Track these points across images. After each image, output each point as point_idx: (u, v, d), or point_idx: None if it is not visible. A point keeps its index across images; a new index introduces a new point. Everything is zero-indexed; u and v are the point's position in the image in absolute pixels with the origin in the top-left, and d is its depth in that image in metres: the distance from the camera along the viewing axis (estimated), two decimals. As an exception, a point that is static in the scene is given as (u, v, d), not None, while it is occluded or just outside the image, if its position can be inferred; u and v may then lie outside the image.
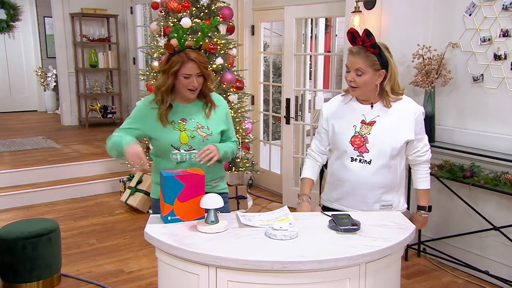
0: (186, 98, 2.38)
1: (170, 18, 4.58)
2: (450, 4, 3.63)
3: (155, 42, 4.68)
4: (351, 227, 1.94)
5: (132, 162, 2.27)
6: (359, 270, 1.80)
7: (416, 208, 2.42)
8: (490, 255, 3.50)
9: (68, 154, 6.10)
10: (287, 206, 2.23)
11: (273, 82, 5.77)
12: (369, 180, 2.23)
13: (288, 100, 5.01)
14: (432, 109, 3.65)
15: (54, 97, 9.93)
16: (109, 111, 8.33)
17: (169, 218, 2.03)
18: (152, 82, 4.71)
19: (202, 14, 4.59)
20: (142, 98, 4.75)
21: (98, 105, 8.20)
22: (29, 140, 6.92)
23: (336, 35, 6.22)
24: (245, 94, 4.96)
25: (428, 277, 3.58)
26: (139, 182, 4.99)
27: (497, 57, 3.37)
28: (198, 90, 2.35)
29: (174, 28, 2.33)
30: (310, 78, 6.41)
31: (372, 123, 2.24)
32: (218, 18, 4.62)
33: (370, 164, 2.22)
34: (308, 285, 1.77)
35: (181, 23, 4.45)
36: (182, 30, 2.28)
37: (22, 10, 9.64)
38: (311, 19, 5.40)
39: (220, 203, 1.96)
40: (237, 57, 5.10)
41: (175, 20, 4.52)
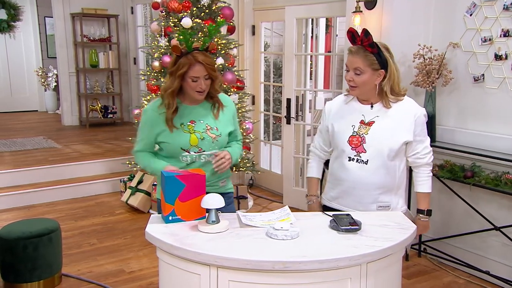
0: (194, 100, 2.36)
1: (171, 18, 4.58)
2: (451, 4, 3.62)
3: (156, 42, 4.68)
4: (352, 227, 1.94)
5: None
6: (360, 270, 1.80)
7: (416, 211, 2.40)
8: (491, 255, 3.50)
9: (68, 154, 6.10)
10: (288, 206, 2.24)
11: (273, 82, 5.77)
12: (366, 180, 2.23)
13: (288, 100, 5.01)
14: (433, 109, 3.65)
15: (54, 97, 9.94)
16: (109, 111, 8.33)
17: (170, 218, 2.03)
18: (152, 82, 4.71)
19: (203, 14, 4.59)
20: (144, 98, 4.82)
21: (99, 105, 8.20)
22: (29, 140, 6.92)
23: (336, 35, 6.22)
24: (245, 94, 4.96)
25: (429, 277, 3.58)
26: (140, 182, 5.00)
27: (498, 57, 3.37)
28: (206, 92, 2.33)
29: (181, 31, 2.32)
30: (311, 78, 6.41)
31: (370, 123, 2.24)
32: (219, 18, 4.63)
33: (367, 164, 2.22)
34: (309, 285, 1.77)
35: (181, 23, 4.45)
36: (189, 33, 2.25)
37: (23, 10, 9.65)
38: (312, 19, 5.39)
39: (221, 203, 1.95)
40: (237, 57, 5.10)
41: (176, 20, 4.53)
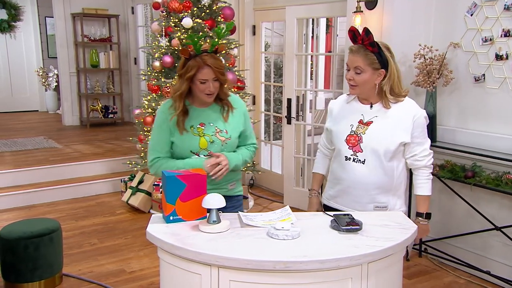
0: (204, 102, 2.35)
1: (172, 18, 4.59)
2: (452, 4, 3.62)
3: (157, 42, 4.68)
4: (353, 227, 1.94)
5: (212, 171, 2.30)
6: (361, 270, 1.80)
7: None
8: (492, 255, 3.50)
9: (69, 154, 6.10)
10: (289, 206, 2.24)
11: (274, 82, 5.77)
12: (363, 180, 2.24)
13: (289, 100, 5.01)
14: (433, 109, 3.65)
15: (55, 97, 9.95)
16: (110, 111, 8.34)
17: (171, 218, 2.03)
18: (153, 82, 4.71)
19: (204, 14, 4.59)
20: (144, 98, 4.82)
21: (99, 105, 8.21)
22: (30, 140, 6.92)
23: (337, 35, 6.22)
24: (246, 94, 4.96)
25: (429, 277, 3.58)
26: (141, 182, 5.00)
27: (498, 57, 3.37)
28: (215, 94, 2.32)
29: (189, 34, 2.32)
30: (311, 78, 6.42)
31: (369, 123, 2.24)
32: (220, 18, 4.63)
33: (364, 164, 2.22)
34: (310, 285, 1.77)
35: (182, 23, 4.45)
36: (197, 36, 2.25)
37: (24, 10, 9.67)
38: (312, 19, 5.40)
39: (221, 203, 1.95)
40: (238, 57, 5.10)
41: (176, 20, 4.53)
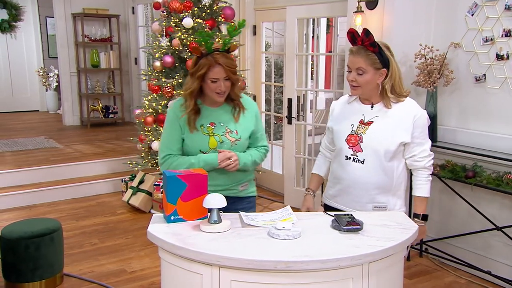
0: (214, 102, 2.34)
1: (172, 18, 4.59)
2: (453, 4, 3.62)
3: (157, 42, 4.69)
4: (354, 227, 1.94)
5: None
6: (362, 270, 1.80)
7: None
8: (493, 255, 3.50)
9: (70, 154, 6.11)
10: (290, 206, 2.24)
11: (274, 82, 5.77)
12: (362, 179, 2.24)
13: (290, 100, 5.01)
14: (434, 109, 3.65)
15: (56, 97, 9.95)
16: (110, 111, 8.34)
17: (172, 217, 2.03)
18: (154, 82, 4.71)
19: (204, 14, 4.59)
20: (145, 98, 4.82)
21: (100, 105, 8.21)
22: (31, 140, 6.93)
23: (337, 35, 6.23)
24: (246, 94, 4.96)
25: (430, 277, 3.58)
26: (141, 182, 5.00)
27: (499, 57, 3.37)
28: (226, 94, 2.31)
29: (199, 32, 2.29)
30: (312, 78, 6.42)
31: (369, 123, 2.24)
32: (221, 18, 4.63)
33: (363, 163, 2.23)
34: (311, 284, 1.77)
35: (183, 23, 4.45)
36: (208, 34, 2.23)
37: (24, 10, 9.67)
38: (313, 19, 5.40)
39: (222, 203, 1.95)
40: (239, 57, 5.11)
41: (177, 20, 4.53)
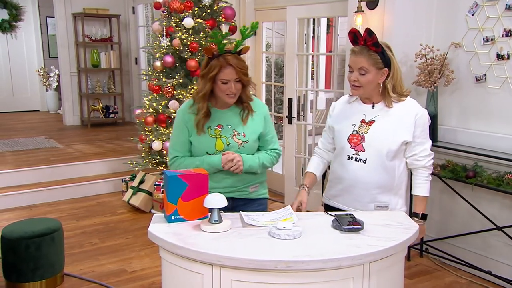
0: (225, 103, 2.33)
1: (173, 18, 4.59)
2: (453, 4, 3.62)
3: (158, 42, 4.69)
4: (355, 227, 1.94)
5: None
6: (363, 269, 1.80)
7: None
8: (493, 255, 3.50)
9: (70, 154, 6.11)
10: (290, 206, 2.24)
11: (275, 82, 5.77)
12: (364, 179, 2.24)
13: (290, 100, 5.01)
14: (434, 109, 3.65)
15: (56, 97, 9.95)
16: (111, 111, 8.34)
17: (172, 217, 2.03)
18: (154, 82, 4.71)
19: (205, 14, 4.60)
20: (145, 98, 4.82)
21: (100, 105, 8.21)
22: (31, 140, 6.93)
23: (338, 35, 6.22)
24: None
25: (430, 277, 3.58)
26: (141, 182, 5.00)
27: (500, 57, 3.37)
28: (237, 95, 2.29)
29: (213, 32, 2.27)
30: (312, 78, 6.41)
31: (371, 123, 2.24)
32: (221, 18, 4.63)
33: (365, 163, 2.23)
34: (311, 284, 1.77)
35: (183, 23, 4.46)
36: (222, 34, 2.21)
37: (25, 10, 9.67)
38: (313, 19, 5.39)
39: (223, 203, 1.95)
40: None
41: (178, 20, 4.53)
